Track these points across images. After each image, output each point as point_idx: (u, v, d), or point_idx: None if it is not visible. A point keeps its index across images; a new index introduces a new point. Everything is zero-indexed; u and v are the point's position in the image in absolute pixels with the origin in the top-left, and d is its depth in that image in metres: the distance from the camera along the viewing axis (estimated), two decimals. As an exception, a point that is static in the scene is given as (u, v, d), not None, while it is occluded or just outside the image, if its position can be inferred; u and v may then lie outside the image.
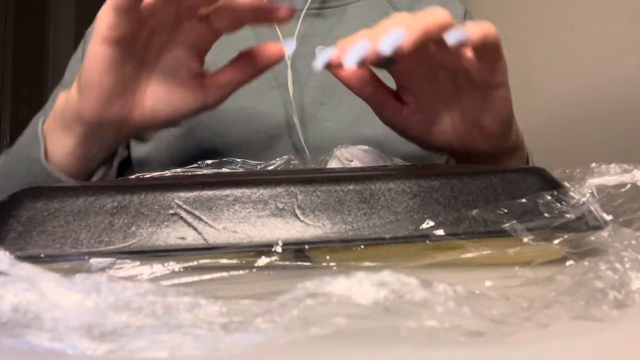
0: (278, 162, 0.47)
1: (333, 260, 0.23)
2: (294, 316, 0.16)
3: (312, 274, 0.22)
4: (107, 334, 0.16)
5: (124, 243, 0.23)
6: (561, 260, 0.24)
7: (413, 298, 0.16)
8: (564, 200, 0.25)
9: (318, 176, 0.25)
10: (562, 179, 0.27)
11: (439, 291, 0.17)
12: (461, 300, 0.17)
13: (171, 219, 0.23)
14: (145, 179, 0.29)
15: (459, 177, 0.25)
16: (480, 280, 0.19)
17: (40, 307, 0.16)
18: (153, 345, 0.16)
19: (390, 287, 0.16)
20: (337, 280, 0.16)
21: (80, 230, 0.23)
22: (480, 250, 0.24)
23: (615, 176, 0.26)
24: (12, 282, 0.16)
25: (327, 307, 0.16)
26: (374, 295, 0.16)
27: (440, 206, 0.24)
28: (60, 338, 0.16)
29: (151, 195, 0.24)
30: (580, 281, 0.20)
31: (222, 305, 0.17)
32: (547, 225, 0.24)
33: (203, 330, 0.16)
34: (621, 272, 0.20)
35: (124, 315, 0.16)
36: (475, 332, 0.17)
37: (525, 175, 0.26)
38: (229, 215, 0.24)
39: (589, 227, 0.24)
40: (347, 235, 0.23)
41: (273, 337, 0.16)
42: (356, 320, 0.16)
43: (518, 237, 0.23)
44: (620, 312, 0.19)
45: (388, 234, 0.24)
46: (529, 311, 0.18)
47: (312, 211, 0.24)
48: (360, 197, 0.24)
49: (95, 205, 0.23)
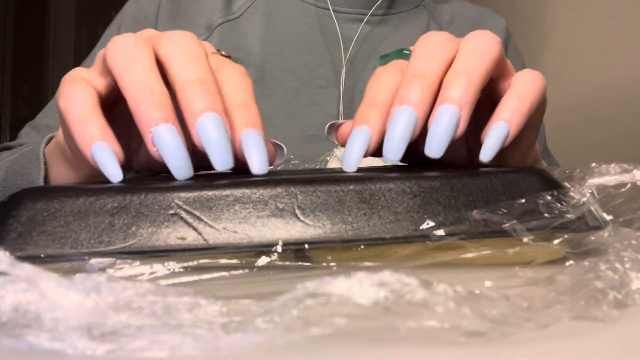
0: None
1: (333, 260, 0.23)
2: (294, 316, 0.16)
3: (312, 274, 0.22)
4: (107, 334, 0.16)
5: (124, 243, 0.23)
6: (561, 260, 0.24)
7: (413, 298, 0.16)
8: (564, 200, 0.25)
9: (318, 176, 0.25)
10: (562, 179, 0.27)
11: (439, 291, 0.17)
12: (461, 300, 0.17)
13: (171, 219, 0.23)
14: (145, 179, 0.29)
15: (459, 178, 0.25)
16: (480, 280, 0.19)
17: (40, 307, 0.16)
18: (153, 345, 0.16)
19: (390, 287, 0.16)
20: (337, 280, 0.16)
21: (80, 231, 0.23)
22: (480, 251, 0.24)
23: (615, 176, 0.26)
24: (12, 282, 0.16)
25: (327, 307, 0.16)
26: (374, 296, 0.16)
27: (440, 206, 0.24)
28: (60, 338, 0.16)
29: (151, 196, 0.24)
30: (580, 281, 0.20)
31: (222, 305, 0.17)
32: (547, 225, 0.24)
33: (203, 330, 0.16)
34: (621, 272, 0.20)
35: (124, 315, 0.16)
36: (475, 332, 0.17)
37: (525, 176, 0.26)
38: (229, 215, 0.24)
39: (589, 227, 0.24)
40: (347, 235, 0.23)
41: (273, 337, 0.16)
42: (356, 320, 0.16)
43: (518, 237, 0.23)
44: (620, 312, 0.19)
45: (388, 234, 0.24)
46: (529, 311, 0.18)
47: (312, 211, 0.24)
48: (360, 197, 0.24)
49: (95, 205, 0.23)
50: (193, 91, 0.25)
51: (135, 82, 0.25)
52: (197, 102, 0.25)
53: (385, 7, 0.64)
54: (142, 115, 0.25)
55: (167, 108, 0.25)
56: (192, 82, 0.25)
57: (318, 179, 0.25)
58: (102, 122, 0.26)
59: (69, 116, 0.26)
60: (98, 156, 0.25)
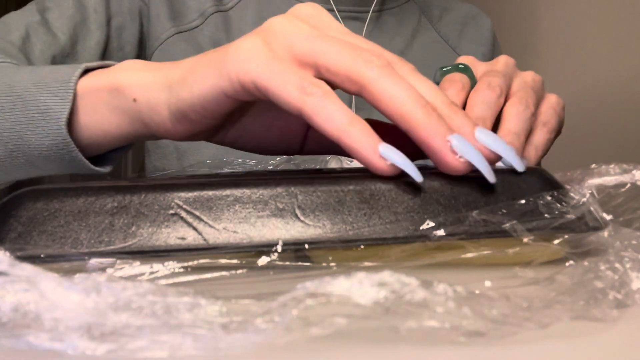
0: (278, 161, 0.47)
1: (333, 260, 0.23)
2: (294, 316, 0.16)
3: (312, 274, 0.22)
4: (107, 334, 0.16)
5: (124, 243, 0.23)
6: (561, 260, 0.24)
7: (413, 298, 0.16)
8: (564, 200, 0.25)
9: (318, 176, 0.25)
10: (563, 181, 0.27)
11: (439, 291, 0.17)
12: (461, 300, 0.17)
13: (171, 219, 0.23)
14: (145, 179, 0.29)
15: (459, 178, 0.25)
16: (480, 280, 0.19)
17: (40, 307, 0.16)
18: (153, 345, 0.16)
19: (390, 287, 0.16)
20: (337, 280, 0.16)
21: (80, 230, 0.23)
22: (480, 251, 0.24)
23: (615, 176, 0.26)
24: (12, 282, 0.16)
25: (327, 307, 0.16)
26: (374, 296, 0.16)
27: (440, 206, 0.24)
28: (60, 338, 0.16)
29: (151, 196, 0.24)
30: (580, 281, 0.20)
31: (222, 305, 0.17)
32: (547, 225, 0.24)
33: (203, 330, 0.16)
34: (621, 272, 0.20)
35: (124, 315, 0.16)
36: (475, 332, 0.17)
37: (525, 176, 0.26)
38: (229, 215, 0.24)
39: (589, 227, 0.24)
40: (347, 235, 0.23)
41: (273, 337, 0.16)
42: (356, 320, 0.16)
43: (518, 237, 0.23)
44: (620, 312, 0.19)
45: (388, 234, 0.24)
46: (529, 311, 0.18)
47: (312, 211, 0.24)
48: (361, 197, 0.24)
49: (96, 205, 0.23)
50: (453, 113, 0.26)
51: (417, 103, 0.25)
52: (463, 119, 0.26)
53: (380, 4, 0.64)
54: (431, 127, 0.24)
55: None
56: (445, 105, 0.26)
57: (318, 179, 0.25)
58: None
59: (334, 120, 0.24)
60: (392, 157, 0.24)
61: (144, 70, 0.30)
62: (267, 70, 0.25)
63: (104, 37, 0.58)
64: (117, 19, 0.59)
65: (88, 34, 0.57)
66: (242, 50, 0.26)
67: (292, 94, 0.25)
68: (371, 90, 0.25)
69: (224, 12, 0.61)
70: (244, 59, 0.26)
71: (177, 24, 0.60)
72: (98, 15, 0.57)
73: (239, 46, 0.26)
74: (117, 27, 0.59)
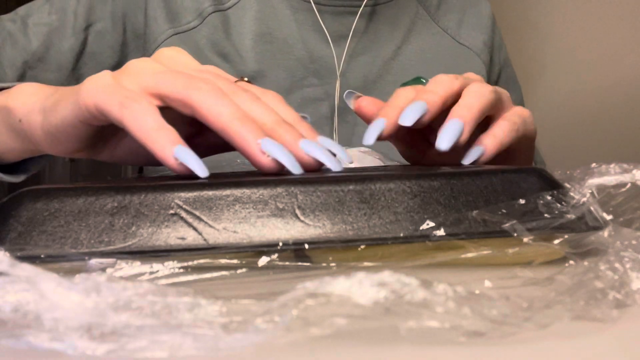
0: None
1: (333, 260, 0.23)
2: (294, 316, 0.16)
3: (312, 274, 0.22)
4: (107, 334, 0.16)
5: (124, 243, 0.23)
6: (561, 260, 0.24)
7: (413, 298, 0.16)
8: (564, 200, 0.25)
9: (318, 176, 0.25)
10: (563, 179, 0.27)
11: (439, 291, 0.17)
12: (461, 300, 0.17)
13: (171, 219, 0.23)
14: (145, 179, 0.29)
15: (459, 178, 0.25)
16: (480, 280, 0.19)
17: (40, 307, 0.16)
18: (153, 345, 0.16)
19: (390, 287, 0.16)
20: (337, 280, 0.16)
21: (80, 231, 0.23)
22: (480, 251, 0.24)
23: (615, 176, 0.26)
24: (12, 282, 0.16)
25: (327, 307, 0.16)
26: (374, 296, 0.16)
27: (440, 206, 0.24)
28: (60, 338, 0.16)
29: (151, 196, 0.24)
30: (580, 281, 0.20)
31: (222, 305, 0.17)
32: (547, 225, 0.24)
33: (203, 330, 0.16)
34: (621, 272, 0.20)
35: (124, 315, 0.16)
36: (475, 332, 0.17)
37: (525, 176, 0.26)
38: (229, 215, 0.24)
39: (589, 227, 0.24)
40: (347, 235, 0.23)
41: (273, 337, 0.16)
42: (356, 320, 0.16)
43: (518, 237, 0.23)
44: (620, 312, 0.19)
45: (388, 234, 0.24)
46: (529, 311, 0.18)
47: (312, 211, 0.24)
48: (360, 197, 0.24)
49: (95, 205, 0.23)
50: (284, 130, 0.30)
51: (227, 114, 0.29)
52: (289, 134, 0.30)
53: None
54: (244, 133, 0.28)
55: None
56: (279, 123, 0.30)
57: (318, 179, 0.25)
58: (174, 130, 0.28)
59: (142, 126, 0.28)
60: (182, 157, 0.27)
61: (32, 94, 0.35)
62: (104, 94, 0.29)
63: (78, 43, 0.59)
64: (98, 24, 0.60)
65: (63, 39, 0.58)
66: (93, 82, 0.30)
67: (114, 108, 0.28)
68: (198, 110, 0.29)
69: (222, 11, 0.61)
70: (92, 88, 0.30)
71: (174, 25, 0.60)
72: (77, 19, 0.59)
73: (92, 80, 0.31)
74: (98, 32, 0.60)
